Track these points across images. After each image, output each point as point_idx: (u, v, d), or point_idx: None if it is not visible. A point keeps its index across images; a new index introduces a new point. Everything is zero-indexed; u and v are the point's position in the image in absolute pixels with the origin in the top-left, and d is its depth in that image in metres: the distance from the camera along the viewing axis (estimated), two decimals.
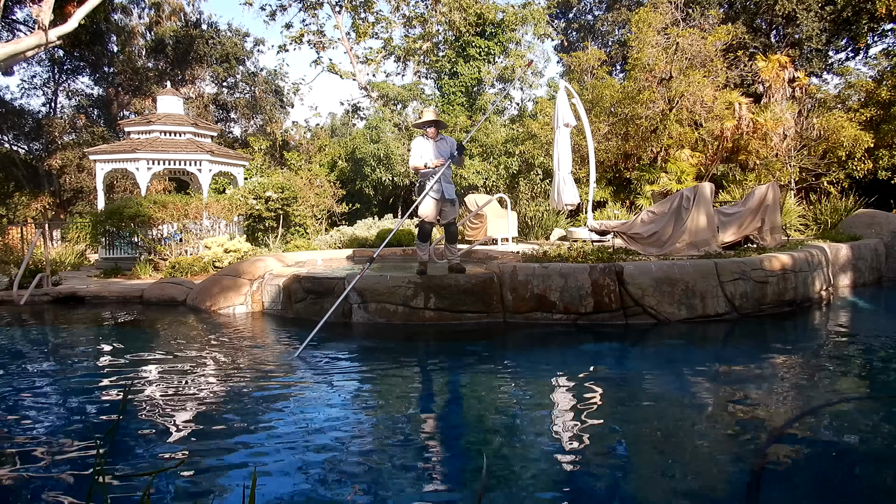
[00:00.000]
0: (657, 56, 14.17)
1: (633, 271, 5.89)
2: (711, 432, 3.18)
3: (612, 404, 3.68)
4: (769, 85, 15.29)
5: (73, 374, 4.55)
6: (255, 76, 28.73)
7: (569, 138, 9.24)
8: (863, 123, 14.22)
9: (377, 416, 3.51)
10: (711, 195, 7.30)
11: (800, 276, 6.56)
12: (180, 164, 12.57)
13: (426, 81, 22.25)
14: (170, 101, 13.55)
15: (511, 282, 6.09)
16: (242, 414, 3.55)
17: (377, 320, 6.16)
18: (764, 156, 14.36)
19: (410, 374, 4.59)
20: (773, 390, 3.89)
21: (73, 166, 22.63)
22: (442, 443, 3.15)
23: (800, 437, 3.08)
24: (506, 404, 3.75)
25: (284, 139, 24.87)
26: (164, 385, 4.14)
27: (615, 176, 15.63)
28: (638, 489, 2.58)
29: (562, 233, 12.59)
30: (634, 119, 14.38)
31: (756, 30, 19.60)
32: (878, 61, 18.47)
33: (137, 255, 10.85)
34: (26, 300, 8.06)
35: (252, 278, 7.43)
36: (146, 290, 8.28)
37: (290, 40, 22.64)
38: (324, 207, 15.35)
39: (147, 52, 26.36)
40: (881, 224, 9.63)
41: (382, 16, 22.24)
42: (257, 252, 10.68)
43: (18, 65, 22.37)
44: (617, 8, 24.49)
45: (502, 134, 17.40)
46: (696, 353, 5.12)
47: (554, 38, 25.51)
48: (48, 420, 3.47)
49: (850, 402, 3.63)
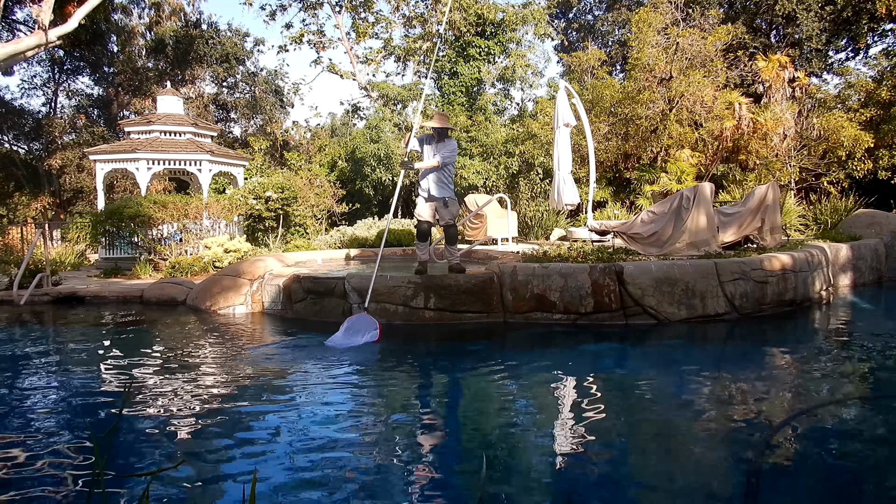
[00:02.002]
0: (657, 56, 14.17)
1: (633, 271, 5.89)
2: (711, 432, 3.18)
3: (612, 404, 3.68)
4: (769, 85, 15.29)
5: (72, 374, 4.55)
6: (255, 76, 28.73)
7: (569, 138, 9.23)
8: (863, 123, 14.22)
9: (377, 417, 3.51)
10: (711, 195, 7.30)
11: (800, 276, 6.56)
12: (180, 164, 12.57)
13: (426, 81, 22.23)
14: (170, 101, 13.55)
15: (511, 282, 6.09)
16: (242, 414, 3.55)
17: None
18: (764, 156, 14.36)
19: (410, 374, 4.59)
20: (772, 390, 3.89)
21: (73, 166, 22.63)
22: (442, 443, 3.15)
23: (799, 436, 3.08)
24: (506, 404, 3.75)
25: (284, 139, 24.87)
26: (164, 385, 4.14)
27: (615, 176, 15.63)
28: (638, 489, 2.58)
29: (562, 233, 12.60)
30: (634, 119, 14.38)
31: (756, 30, 19.60)
32: (878, 61, 18.46)
33: (137, 255, 10.85)
34: (26, 300, 8.06)
35: (252, 278, 7.43)
36: (146, 290, 8.28)
37: (290, 40, 22.62)
38: (324, 207, 15.35)
39: (147, 52, 26.36)
40: (881, 224, 9.63)
41: (382, 16, 22.21)
42: (257, 252, 10.68)
43: (18, 65, 22.41)
44: (617, 8, 24.49)
45: (502, 134, 17.39)
46: (696, 353, 5.12)
47: (554, 38, 25.50)
48: (48, 420, 3.47)
49: (850, 401, 3.63)
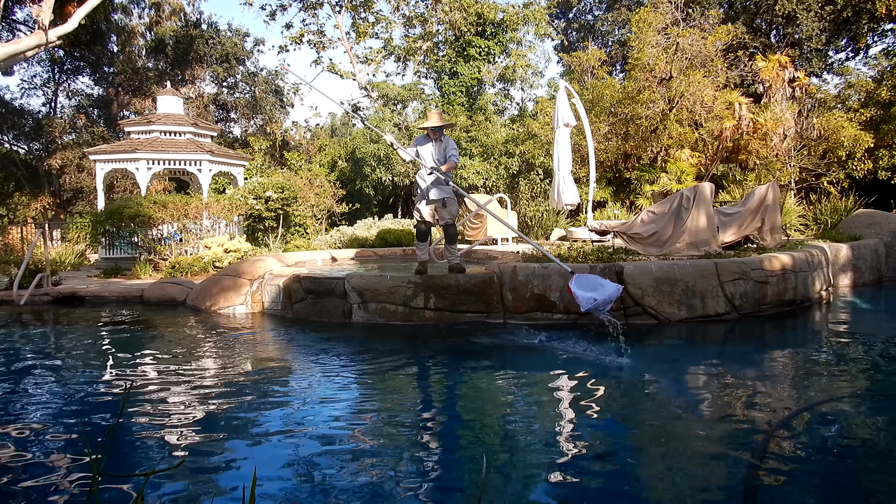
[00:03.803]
0: (657, 56, 14.17)
1: (633, 271, 5.89)
2: (711, 432, 3.18)
3: (612, 404, 3.68)
4: (769, 85, 15.30)
5: (72, 374, 4.55)
6: (255, 76, 28.73)
7: (569, 138, 9.23)
8: (863, 123, 14.22)
9: (377, 417, 3.51)
10: (711, 195, 7.30)
11: (800, 276, 6.56)
12: (180, 164, 12.57)
13: (426, 81, 22.25)
14: (170, 101, 13.55)
15: (511, 282, 6.09)
16: (242, 414, 3.55)
17: (377, 320, 6.16)
18: (764, 156, 14.36)
19: (410, 374, 4.59)
20: (772, 390, 3.89)
21: (73, 166, 22.64)
22: (442, 443, 3.15)
23: (799, 436, 3.08)
24: (505, 404, 3.75)
25: (284, 139, 24.87)
26: (164, 385, 4.14)
27: (615, 176, 15.64)
28: (637, 489, 2.58)
29: (562, 233, 12.60)
30: (634, 119, 14.39)
31: (756, 30, 19.60)
32: (878, 61, 18.46)
33: (137, 255, 10.85)
34: (26, 300, 8.06)
35: (252, 278, 7.43)
36: (146, 290, 8.28)
37: (291, 40, 22.63)
38: (324, 207, 15.36)
39: (147, 52, 26.36)
40: (881, 224, 9.63)
41: (382, 16, 22.22)
42: (257, 252, 10.68)
43: (18, 65, 22.42)
44: (617, 8, 24.50)
45: (502, 134, 17.40)
46: (695, 353, 5.12)
47: (554, 38, 25.51)
48: (47, 420, 3.47)
49: (849, 401, 3.63)
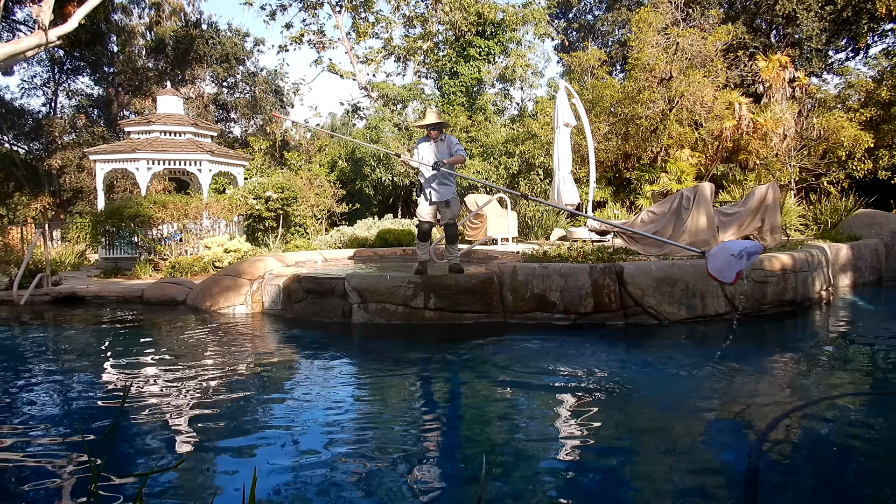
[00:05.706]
0: (657, 56, 14.17)
1: (633, 271, 5.89)
2: (711, 432, 3.18)
3: (612, 404, 3.68)
4: (769, 85, 15.30)
5: (72, 374, 4.55)
6: (255, 76, 28.72)
7: (569, 138, 9.24)
8: (863, 123, 14.22)
9: (377, 417, 3.52)
10: (711, 195, 7.30)
11: (800, 276, 6.56)
12: (180, 164, 12.57)
13: (426, 81, 22.25)
14: (170, 101, 13.54)
15: (511, 282, 6.09)
16: (242, 414, 3.55)
17: (377, 320, 6.16)
18: (764, 156, 14.36)
19: (410, 374, 4.59)
20: (773, 390, 3.89)
21: (73, 166, 22.62)
22: (441, 443, 3.15)
23: (799, 435, 3.08)
24: (505, 404, 3.75)
25: (284, 139, 24.85)
26: (164, 385, 4.14)
27: (615, 176, 15.63)
28: (637, 488, 2.58)
29: (562, 233, 12.59)
30: (634, 119, 14.39)
31: (756, 30, 19.60)
32: (878, 61, 18.47)
33: (137, 255, 10.85)
34: (26, 300, 8.06)
35: (252, 278, 7.43)
36: (146, 290, 8.28)
37: (291, 40, 22.63)
38: (324, 207, 15.35)
39: (147, 52, 26.35)
40: (881, 224, 9.63)
41: (382, 16, 22.22)
42: (257, 252, 10.68)
43: (18, 65, 22.42)
44: (617, 8, 24.48)
45: (502, 134, 17.39)
46: (696, 352, 5.11)
47: (554, 38, 25.51)
48: (47, 419, 3.47)
49: (849, 400, 3.63)
